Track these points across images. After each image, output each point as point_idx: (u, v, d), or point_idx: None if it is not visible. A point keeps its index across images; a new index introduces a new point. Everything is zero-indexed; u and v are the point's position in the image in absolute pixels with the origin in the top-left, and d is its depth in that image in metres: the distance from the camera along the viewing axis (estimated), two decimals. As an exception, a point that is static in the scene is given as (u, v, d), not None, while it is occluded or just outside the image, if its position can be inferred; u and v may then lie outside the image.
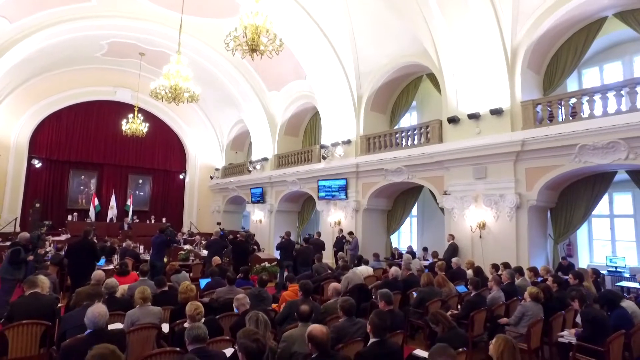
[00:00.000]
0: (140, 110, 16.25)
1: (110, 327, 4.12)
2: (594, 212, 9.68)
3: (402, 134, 12.00)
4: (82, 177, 18.98)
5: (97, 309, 3.51)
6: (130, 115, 14.86)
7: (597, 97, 8.08)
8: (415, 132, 11.63)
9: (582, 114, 8.25)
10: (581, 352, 4.63)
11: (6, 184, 16.49)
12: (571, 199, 9.37)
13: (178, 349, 3.61)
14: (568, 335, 4.91)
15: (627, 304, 5.14)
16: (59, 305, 5.34)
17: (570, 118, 8.39)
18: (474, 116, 9.55)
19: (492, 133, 9.29)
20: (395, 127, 13.31)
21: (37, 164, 17.54)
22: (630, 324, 4.78)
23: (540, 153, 8.65)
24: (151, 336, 4.32)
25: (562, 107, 8.61)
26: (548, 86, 9.74)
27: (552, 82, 9.67)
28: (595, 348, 4.46)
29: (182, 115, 20.54)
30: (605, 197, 9.70)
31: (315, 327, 3.13)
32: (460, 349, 3.71)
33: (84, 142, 18.77)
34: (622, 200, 10.43)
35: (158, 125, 20.30)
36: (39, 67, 15.40)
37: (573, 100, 8.45)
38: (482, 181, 9.59)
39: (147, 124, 15.54)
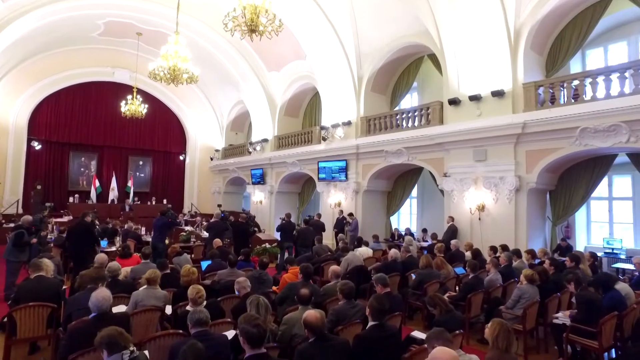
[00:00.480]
0: (139, 91, 16.11)
1: (114, 309, 4.22)
2: (593, 195, 9.70)
3: (403, 116, 11.93)
4: (82, 158, 18.97)
5: (101, 294, 3.59)
6: (129, 97, 14.74)
7: (600, 79, 8.00)
8: (415, 114, 11.55)
9: (584, 96, 8.18)
10: (574, 333, 4.74)
11: (7, 166, 16.51)
12: (571, 181, 9.39)
13: (181, 331, 3.70)
14: (562, 317, 5.01)
15: (621, 286, 5.23)
16: (64, 287, 5.44)
17: (572, 100, 8.32)
18: (475, 98, 9.47)
19: (493, 115, 9.24)
20: (396, 109, 13.21)
21: (37, 145, 17.51)
22: (623, 305, 4.87)
23: (541, 136, 8.61)
24: (154, 318, 4.42)
25: (565, 89, 8.53)
26: (551, 67, 9.62)
27: (555, 64, 9.54)
28: (588, 329, 4.57)
29: (181, 96, 20.36)
30: (605, 180, 9.71)
31: (309, 313, 3.20)
32: (457, 331, 3.80)
33: (83, 123, 18.68)
34: (622, 183, 10.46)
35: (157, 107, 20.18)
36: (35, 47, 15.18)
37: (575, 82, 8.36)
38: (482, 163, 9.59)
39: (146, 105, 15.42)
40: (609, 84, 7.86)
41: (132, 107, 14.55)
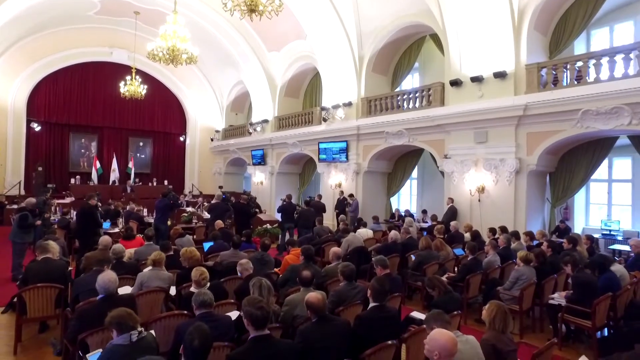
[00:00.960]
0: (138, 71, 15.92)
1: (120, 290, 4.32)
2: (593, 177, 9.72)
3: (404, 97, 11.87)
4: (83, 140, 18.93)
5: (107, 276, 3.66)
6: (128, 77, 14.61)
7: (604, 61, 7.90)
8: (416, 95, 11.48)
9: (587, 78, 8.11)
10: (569, 313, 4.86)
11: (7, 147, 16.50)
12: (571, 163, 9.40)
13: (186, 311, 3.80)
14: (558, 298, 5.12)
15: (616, 268, 5.33)
16: (69, 269, 5.54)
17: (575, 82, 8.25)
18: (476, 79, 9.40)
19: (495, 97, 9.19)
20: (397, 90, 13.12)
21: (37, 127, 17.43)
22: (617, 286, 4.99)
23: (542, 118, 8.59)
24: (159, 299, 4.53)
25: (568, 71, 8.43)
26: (554, 48, 9.50)
27: (558, 44, 9.41)
28: (582, 309, 4.69)
29: (180, 76, 20.14)
30: (605, 162, 9.71)
31: (311, 296, 3.29)
32: (455, 312, 3.90)
33: (82, 104, 18.57)
34: (622, 165, 10.47)
35: (156, 87, 19.98)
36: (30, 26, 14.97)
37: (579, 63, 8.27)
38: (483, 145, 9.59)
39: (146, 86, 15.28)
40: (613, 66, 7.78)
41: (132, 87, 14.44)
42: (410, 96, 11.67)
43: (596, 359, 4.37)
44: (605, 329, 5.07)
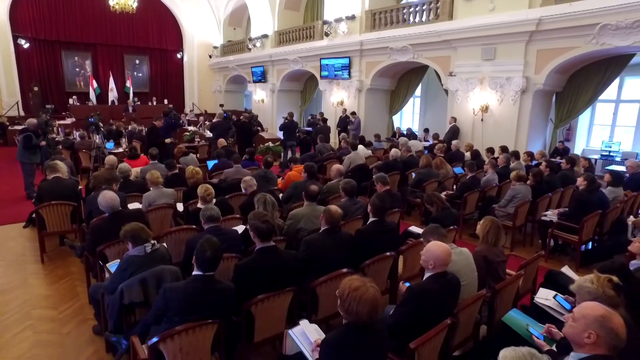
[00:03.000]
0: (126, -20, 14.78)
1: (130, 206, 4.52)
2: (600, 97, 9.44)
3: (410, 9, 11.15)
4: (76, 58, 18.20)
5: (107, 195, 3.79)
6: (116, -13, 13.65)
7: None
8: (424, 8, 10.77)
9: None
10: (559, 229, 5.12)
11: (-4, 66, 15.91)
12: (580, 83, 9.07)
13: (194, 226, 4.01)
14: (550, 215, 5.33)
15: (614, 189, 5.49)
16: (79, 187, 5.72)
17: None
18: (490, -11, 8.76)
19: (507, 10, 8.60)
20: (403, 2, 12.30)
21: (24, 43, 16.57)
22: (607, 205, 5.18)
23: (555, 33, 8.12)
24: (168, 215, 4.75)
25: (592, -22, 7.78)
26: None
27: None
28: (571, 225, 4.93)
29: (172, -14, 18.81)
30: (615, 82, 9.37)
31: (332, 207, 3.46)
32: (451, 227, 4.10)
33: (71, 19, 17.51)
34: (632, 85, 10.15)
35: (148, 0, 18.71)
36: None
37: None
38: (490, 63, 9.24)
39: (136, -3, 14.34)
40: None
41: (121, 0, 13.55)
42: (417, 9, 10.96)
43: (577, 269, 4.69)
44: (590, 243, 5.36)
